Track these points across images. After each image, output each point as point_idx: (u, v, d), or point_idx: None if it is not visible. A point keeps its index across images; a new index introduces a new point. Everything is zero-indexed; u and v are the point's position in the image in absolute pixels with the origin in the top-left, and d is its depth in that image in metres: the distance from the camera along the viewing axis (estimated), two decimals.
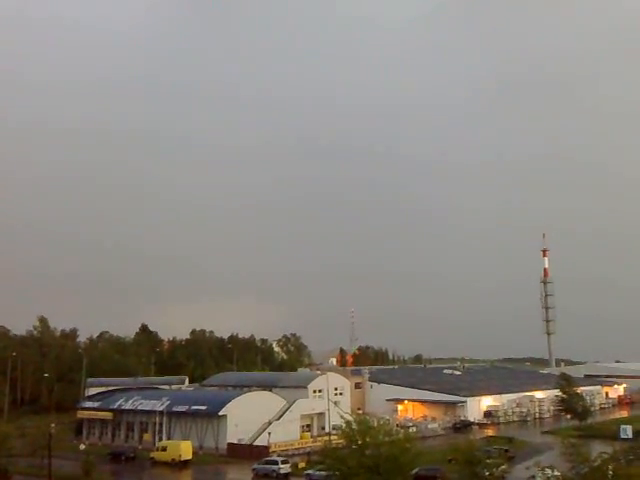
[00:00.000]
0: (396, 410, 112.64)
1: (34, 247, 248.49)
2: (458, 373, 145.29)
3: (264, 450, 75.85)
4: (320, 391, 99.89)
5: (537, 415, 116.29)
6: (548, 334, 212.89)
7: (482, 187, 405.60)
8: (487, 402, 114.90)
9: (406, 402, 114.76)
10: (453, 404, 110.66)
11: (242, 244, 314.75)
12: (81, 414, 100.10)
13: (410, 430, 77.81)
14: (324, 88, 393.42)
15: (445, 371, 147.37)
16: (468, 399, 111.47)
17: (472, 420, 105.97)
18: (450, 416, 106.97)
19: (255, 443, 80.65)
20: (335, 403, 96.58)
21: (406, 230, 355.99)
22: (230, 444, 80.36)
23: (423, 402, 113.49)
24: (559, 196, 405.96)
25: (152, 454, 77.48)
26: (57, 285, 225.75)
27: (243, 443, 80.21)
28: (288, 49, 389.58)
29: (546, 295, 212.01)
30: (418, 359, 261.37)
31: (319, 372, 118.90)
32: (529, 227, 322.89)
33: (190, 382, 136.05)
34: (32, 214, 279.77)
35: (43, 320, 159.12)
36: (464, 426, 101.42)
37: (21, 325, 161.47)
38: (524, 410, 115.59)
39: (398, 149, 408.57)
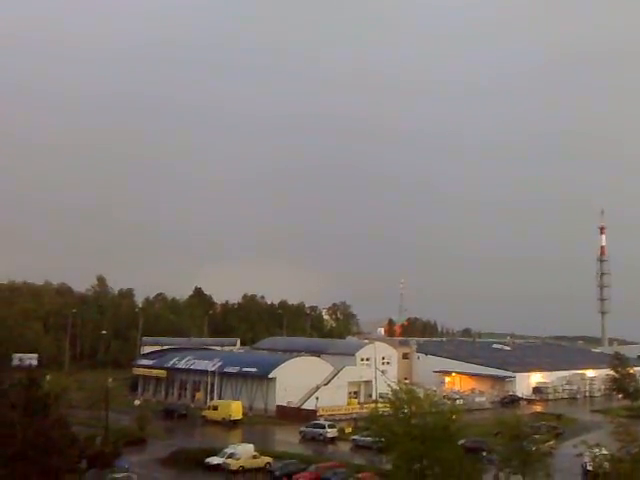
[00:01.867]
0: (443, 382, 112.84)
1: (93, 207, 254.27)
2: (508, 348, 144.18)
3: (312, 414, 77.44)
4: (367, 359, 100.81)
5: (587, 394, 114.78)
6: (602, 313, 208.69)
7: (537, 160, 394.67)
8: (536, 378, 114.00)
9: (454, 375, 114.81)
10: (502, 379, 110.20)
11: (293, 211, 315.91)
12: (136, 371, 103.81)
13: (457, 402, 78.11)
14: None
15: (494, 346, 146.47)
16: (517, 374, 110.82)
17: (520, 396, 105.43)
18: (498, 391, 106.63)
19: (303, 407, 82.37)
20: (382, 372, 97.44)
21: (455, 204, 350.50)
22: (279, 406, 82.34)
23: (471, 375, 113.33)
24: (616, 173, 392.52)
25: (203, 412, 79.98)
26: (116, 245, 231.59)
27: (292, 406, 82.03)
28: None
29: (602, 274, 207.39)
30: (467, 333, 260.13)
31: (367, 341, 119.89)
32: (585, 202, 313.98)
33: (241, 345, 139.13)
34: (98, 172, 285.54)
35: (101, 279, 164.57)
36: (512, 401, 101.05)
37: (81, 283, 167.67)
38: (574, 388, 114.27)
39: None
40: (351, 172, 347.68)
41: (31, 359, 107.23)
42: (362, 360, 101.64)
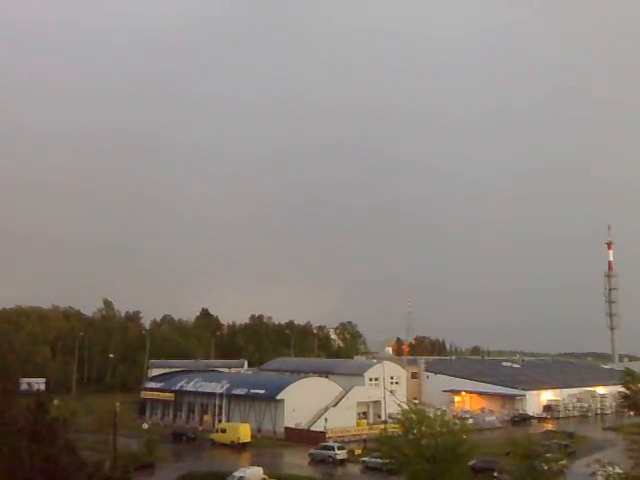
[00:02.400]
0: (453, 401, 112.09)
1: (101, 233, 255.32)
2: (517, 366, 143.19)
3: (321, 435, 76.87)
4: (376, 379, 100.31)
5: (598, 411, 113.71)
6: (611, 329, 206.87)
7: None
8: (547, 396, 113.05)
9: (463, 394, 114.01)
10: (511, 397, 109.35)
11: (297, 234, 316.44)
12: (144, 394, 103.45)
13: (467, 422, 77.40)
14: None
15: (504, 364, 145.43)
16: (527, 392, 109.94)
17: (531, 414, 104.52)
18: (508, 409, 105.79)
19: (312, 428, 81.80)
20: (391, 392, 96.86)
21: (465, 223, 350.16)
22: (287, 428, 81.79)
23: (480, 394, 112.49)
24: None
25: (212, 435, 79.54)
26: (122, 269, 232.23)
27: (300, 428, 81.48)
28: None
29: (610, 289, 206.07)
30: (476, 351, 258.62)
31: (375, 360, 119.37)
32: (592, 220, 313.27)
33: (249, 366, 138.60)
34: (101, 203, 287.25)
35: (108, 302, 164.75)
36: (522, 420, 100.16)
37: (89, 307, 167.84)
38: (585, 405, 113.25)
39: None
40: (358, 196, 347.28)
41: (39, 383, 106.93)
42: (371, 380, 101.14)
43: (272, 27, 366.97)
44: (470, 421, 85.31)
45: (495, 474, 57.50)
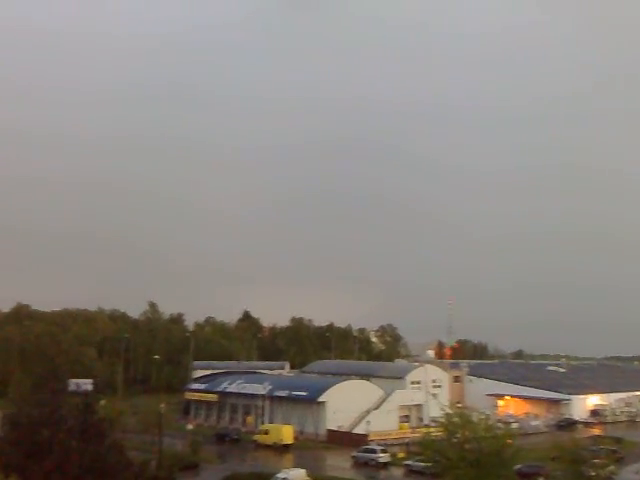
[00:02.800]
0: (496, 405, 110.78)
1: (147, 237, 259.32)
2: (563, 370, 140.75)
3: (363, 438, 76.87)
4: (418, 383, 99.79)
5: None
6: None
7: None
8: (594, 400, 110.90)
9: (507, 398, 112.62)
10: (557, 402, 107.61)
11: (336, 234, 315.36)
12: (188, 395, 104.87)
13: (511, 426, 76.50)
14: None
15: (549, 368, 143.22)
16: (573, 397, 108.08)
17: (577, 419, 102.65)
18: (553, 414, 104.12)
19: (354, 431, 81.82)
20: (433, 395, 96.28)
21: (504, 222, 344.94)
22: (329, 430, 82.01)
23: (525, 398, 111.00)
24: None
25: (255, 437, 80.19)
26: (165, 272, 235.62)
27: (342, 430, 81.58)
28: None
29: None
30: (519, 355, 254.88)
31: (417, 364, 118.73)
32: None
33: (290, 368, 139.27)
34: (145, 204, 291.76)
35: (153, 305, 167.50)
36: (568, 424, 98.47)
37: (134, 309, 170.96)
38: (633, 410, 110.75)
39: None
40: (388, 194, 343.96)
41: (86, 384, 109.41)
42: (412, 383, 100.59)
43: (284, 23, 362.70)
44: (514, 425, 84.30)
45: (541, 479, 56.73)
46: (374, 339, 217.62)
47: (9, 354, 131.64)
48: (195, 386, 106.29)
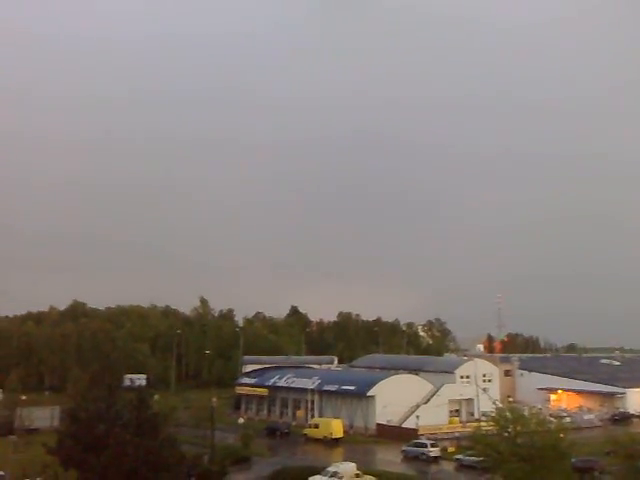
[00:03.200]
0: (548, 400, 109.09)
1: (198, 236, 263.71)
2: (617, 363, 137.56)
3: (413, 432, 76.65)
4: (468, 377, 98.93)
5: None
6: None
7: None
8: None
9: (559, 392, 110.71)
10: (611, 395, 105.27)
11: (382, 228, 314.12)
12: (239, 389, 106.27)
13: (564, 420, 75.24)
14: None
15: (602, 361, 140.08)
16: (628, 390, 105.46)
17: (632, 412, 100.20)
18: (608, 407, 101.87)
19: (403, 425, 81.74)
20: (484, 390, 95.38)
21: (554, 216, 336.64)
22: (379, 425, 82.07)
23: (578, 392, 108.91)
24: None
25: (305, 430, 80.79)
26: (216, 269, 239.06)
27: (392, 424, 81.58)
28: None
29: None
30: (572, 348, 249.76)
31: (466, 358, 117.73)
32: None
33: (338, 362, 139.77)
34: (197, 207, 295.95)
35: (204, 301, 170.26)
36: (623, 418, 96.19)
37: (185, 305, 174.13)
38: None
39: None
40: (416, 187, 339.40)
41: (140, 379, 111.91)
42: (462, 378, 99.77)
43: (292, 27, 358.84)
44: (567, 419, 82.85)
45: (596, 474, 55.75)
46: (422, 333, 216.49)
47: (66, 351, 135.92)
48: (245, 380, 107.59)
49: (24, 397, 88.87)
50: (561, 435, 45.71)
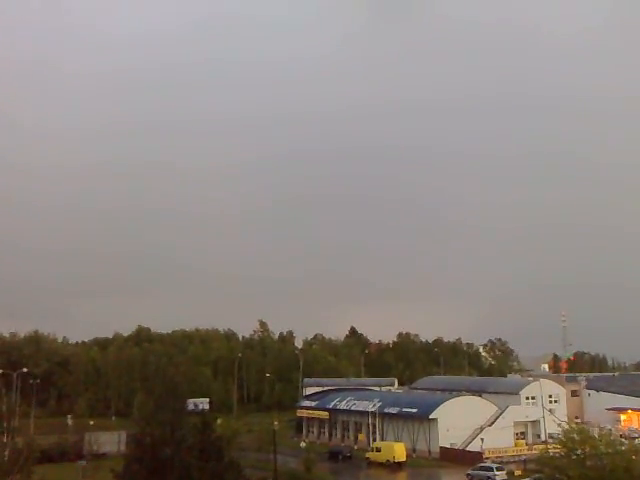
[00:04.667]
0: (618, 420, 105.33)
1: (252, 258, 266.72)
2: None
3: (477, 456, 75.16)
4: (533, 398, 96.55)
5: None
6: None
7: None
8: None
9: (629, 412, 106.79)
10: None
11: (444, 250, 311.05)
12: (300, 413, 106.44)
13: (636, 441, 72.50)
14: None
15: None
16: None
17: None
18: None
19: (467, 448, 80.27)
20: (550, 411, 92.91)
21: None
22: (442, 448, 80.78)
23: None
24: None
25: (367, 454, 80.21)
26: (276, 291, 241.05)
27: (456, 448, 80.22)
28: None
29: None
30: None
31: (531, 378, 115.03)
32: None
33: (398, 384, 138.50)
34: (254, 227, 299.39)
35: (263, 324, 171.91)
36: None
37: (245, 328, 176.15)
38: None
39: None
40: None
41: (203, 403, 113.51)
42: (527, 399, 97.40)
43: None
44: (639, 441, 79.78)
45: None
46: (483, 354, 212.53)
47: (131, 376, 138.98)
48: (306, 403, 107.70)
49: (92, 422, 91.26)
50: (633, 457, 44.17)
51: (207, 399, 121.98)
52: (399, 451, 77.30)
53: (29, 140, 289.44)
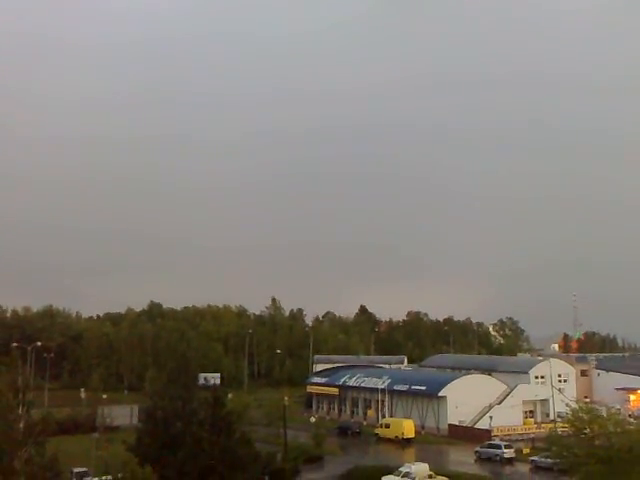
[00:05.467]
0: (627, 400, 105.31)
1: (265, 236, 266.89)
2: None
3: (486, 434, 75.62)
4: (542, 377, 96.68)
5: None
6: None
7: None
8: None
9: (639, 392, 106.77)
10: None
11: (455, 228, 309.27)
12: (310, 389, 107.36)
13: None
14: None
15: None
16: None
17: None
18: None
19: (476, 426, 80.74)
20: (559, 390, 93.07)
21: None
22: (451, 425, 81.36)
23: None
24: None
25: (376, 430, 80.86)
26: (286, 268, 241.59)
27: (464, 425, 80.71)
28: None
29: None
30: None
31: (541, 358, 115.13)
32: None
33: (408, 362, 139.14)
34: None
35: (275, 301, 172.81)
36: None
37: (256, 305, 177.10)
38: None
39: None
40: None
41: (215, 378, 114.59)
42: (536, 378, 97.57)
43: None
44: None
45: None
46: (493, 333, 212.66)
47: (144, 350, 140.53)
48: (316, 379, 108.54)
49: (105, 396, 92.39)
50: None
51: (218, 374, 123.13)
52: (408, 427, 77.87)
53: (30, 113, 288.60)
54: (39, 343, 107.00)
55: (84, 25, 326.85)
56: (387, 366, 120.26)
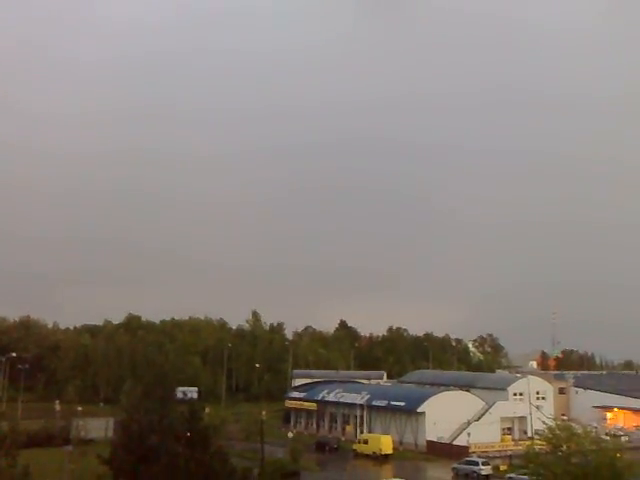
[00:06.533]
0: (604, 418, 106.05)
1: (248, 248, 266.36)
2: None
3: (464, 450, 75.57)
4: (521, 394, 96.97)
5: None
6: None
7: None
8: None
9: (616, 410, 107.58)
10: None
11: (437, 246, 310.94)
12: (288, 403, 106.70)
13: (621, 439, 72.97)
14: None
15: None
16: None
17: None
18: None
19: (454, 442, 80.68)
20: (537, 407, 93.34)
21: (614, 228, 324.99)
22: (429, 441, 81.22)
23: (635, 411, 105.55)
24: None
25: (354, 446, 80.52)
26: (267, 282, 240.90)
27: (442, 441, 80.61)
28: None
29: None
30: (629, 365, 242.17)
31: (519, 375, 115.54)
32: None
33: (388, 378, 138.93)
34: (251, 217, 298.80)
35: (256, 314, 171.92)
36: None
37: (236, 318, 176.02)
38: None
39: None
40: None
41: (192, 392, 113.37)
42: (515, 395, 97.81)
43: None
44: (624, 438, 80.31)
45: None
46: (472, 349, 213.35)
47: (120, 363, 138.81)
48: (295, 394, 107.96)
49: (80, 408, 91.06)
50: (617, 454, 44.43)
51: (196, 388, 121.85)
52: (386, 443, 77.63)
53: (29, 126, 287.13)
54: (14, 354, 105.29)
55: (82, 41, 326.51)
56: (366, 381, 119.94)
